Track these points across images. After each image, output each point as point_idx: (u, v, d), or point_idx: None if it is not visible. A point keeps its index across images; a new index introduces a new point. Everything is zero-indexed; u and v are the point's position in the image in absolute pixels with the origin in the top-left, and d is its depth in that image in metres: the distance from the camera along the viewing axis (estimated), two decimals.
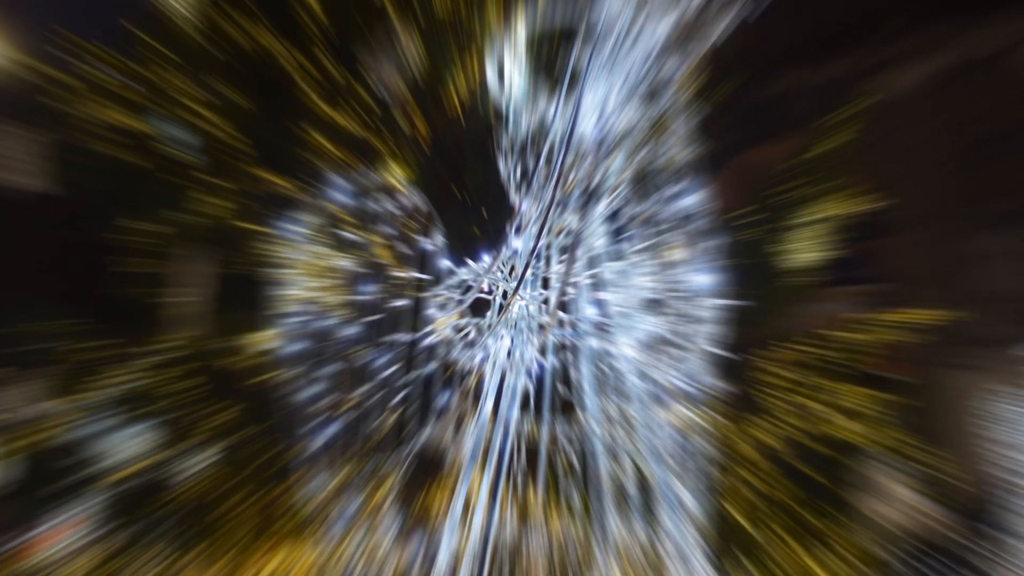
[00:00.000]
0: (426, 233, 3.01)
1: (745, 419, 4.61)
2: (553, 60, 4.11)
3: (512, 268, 2.57)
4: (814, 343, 4.85)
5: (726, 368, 2.80)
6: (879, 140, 8.92)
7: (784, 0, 2.14)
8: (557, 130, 2.47)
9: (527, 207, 2.48)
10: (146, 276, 4.74)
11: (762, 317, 4.79)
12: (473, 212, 4.37)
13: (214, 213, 4.49)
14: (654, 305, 2.60)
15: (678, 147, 2.38)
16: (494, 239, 4.20)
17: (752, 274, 4.72)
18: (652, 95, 2.38)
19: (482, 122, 4.42)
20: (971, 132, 9.14)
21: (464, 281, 2.76)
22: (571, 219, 2.53)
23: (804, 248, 4.88)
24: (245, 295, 4.39)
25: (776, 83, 10.07)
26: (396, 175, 4.58)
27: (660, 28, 2.13)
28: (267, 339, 4.33)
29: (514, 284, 2.48)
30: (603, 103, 2.33)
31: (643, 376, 2.65)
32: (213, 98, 4.62)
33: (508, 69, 2.96)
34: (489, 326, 2.61)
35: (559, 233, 2.63)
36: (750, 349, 4.78)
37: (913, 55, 9.57)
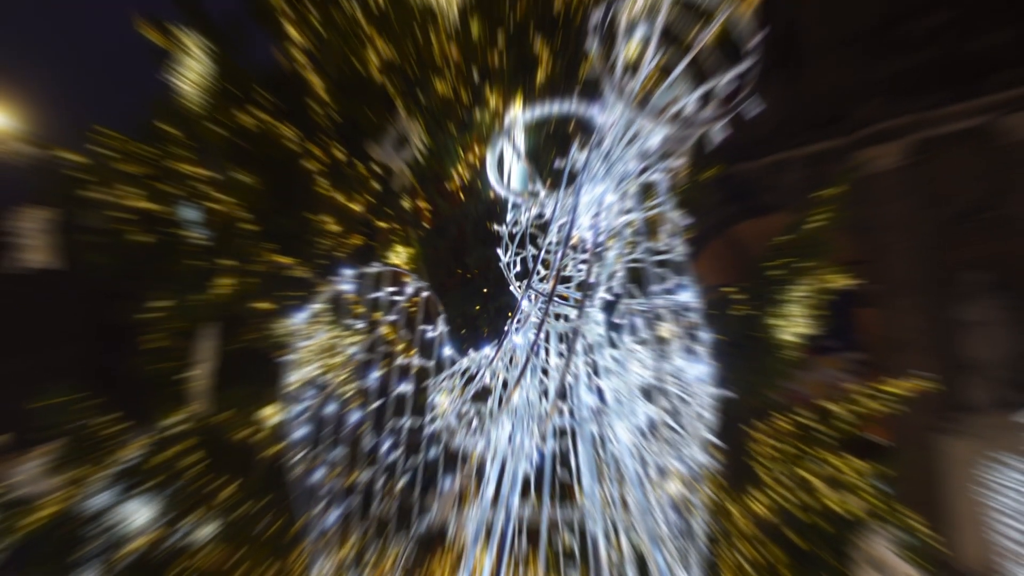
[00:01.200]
0: (429, 319, 3.11)
1: (745, 494, 4.65)
2: (551, 155, 4.27)
3: (512, 358, 2.66)
4: (811, 414, 4.91)
5: (725, 445, 2.87)
6: (863, 214, 9.15)
7: (768, 82, 2.27)
8: (555, 225, 2.58)
9: (527, 305, 2.59)
10: (154, 352, 4.83)
11: (758, 391, 4.87)
12: (474, 291, 4.50)
13: (223, 291, 4.61)
14: (651, 391, 2.68)
15: (673, 240, 2.49)
16: (494, 319, 4.32)
17: (745, 349, 4.81)
18: (647, 191, 2.50)
19: (482, 202, 4.58)
20: (951, 205, 9.39)
21: (467, 369, 2.85)
22: (569, 310, 2.63)
23: (795, 321, 4.97)
24: (251, 373, 4.48)
25: (762, 161, 10.36)
26: (399, 254, 4.72)
27: (658, 129, 2.25)
28: (271, 416, 4.41)
29: (515, 374, 2.56)
30: (600, 199, 2.45)
31: (641, 460, 2.71)
32: (220, 177, 4.78)
33: (507, 160, 3.10)
34: (491, 413, 2.68)
35: (557, 319, 2.73)
36: (749, 422, 4.85)
37: (893, 132, 9.88)
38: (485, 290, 4.44)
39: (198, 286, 4.63)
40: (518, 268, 2.86)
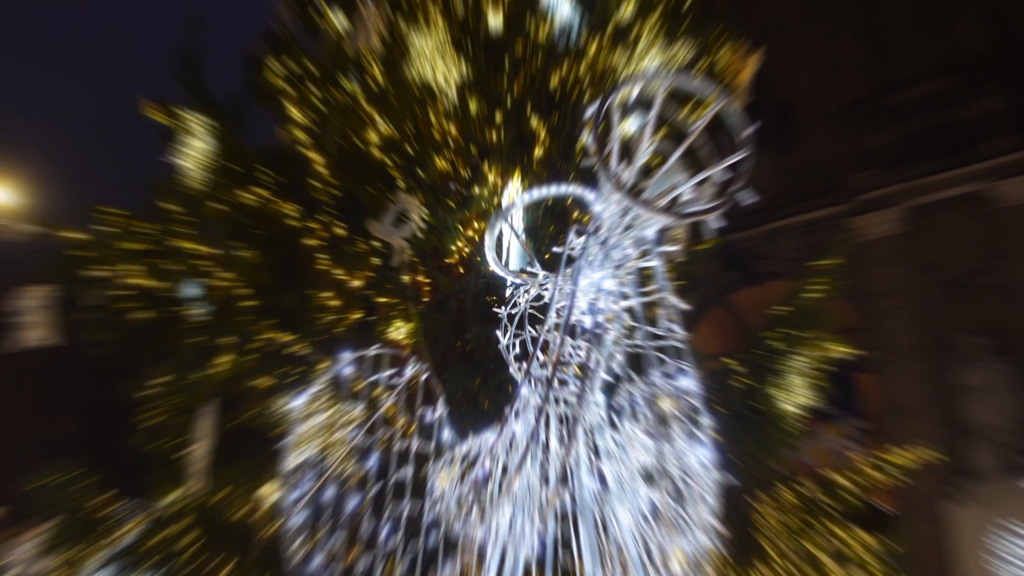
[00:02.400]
0: (429, 400, 3.10)
1: (751, 568, 4.57)
2: (549, 230, 4.32)
3: (512, 442, 2.64)
4: (816, 486, 4.87)
5: (729, 529, 2.83)
6: (861, 281, 9.21)
7: (762, 153, 2.30)
8: (554, 309, 2.60)
9: (526, 392, 2.58)
10: (152, 429, 4.79)
11: (761, 462, 4.83)
12: (474, 365, 4.49)
13: (222, 369, 4.59)
14: (653, 475, 2.66)
15: (672, 325, 2.50)
16: (494, 394, 4.30)
17: (748, 420, 4.79)
18: (645, 276, 2.52)
19: (481, 276, 4.60)
20: (947, 271, 9.45)
21: (467, 453, 2.83)
22: (569, 396, 2.63)
23: (796, 392, 4.95)
24: (249, 450, 4.45)
25: (758, 230, 10.47)
26: (399, 329, 4.72)
27: (654, 219, 2.28)
28: (270, 494, 4.36)
29: (516, 457, 2.55)
30: (598, 284, 2.46)
31: (644, 543, 2.68)
32: (221, 253, 4.80)
33: (505, 241, 3.12)
34: (491, 499, 2.66)
35: (557, 403, 2.72)
36: (753, 495, 4.79)
37: (888, 199, 10.01)
38: (484, 365, 4.43)
39: (198, 363, 4.62)
40: (517, 350, 2.87)
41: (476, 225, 4.75)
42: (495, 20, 4.90)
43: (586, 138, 2.16)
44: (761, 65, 5.18)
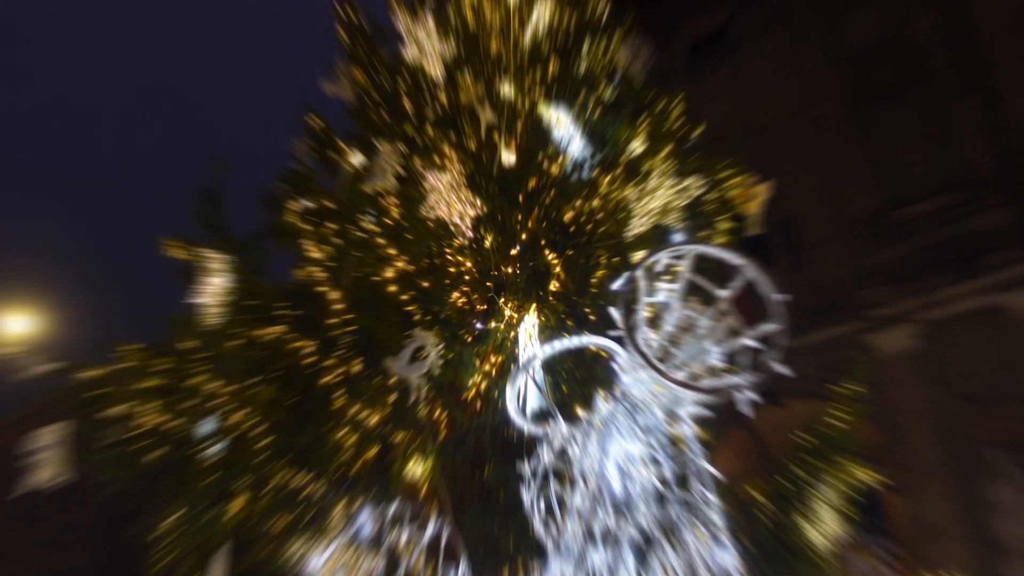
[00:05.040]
0: (452, 557, 3.02)
1: None
2: (566, 372, 4.29)
3: None
4: None
5: None
6: (880, 399, 9.09)
7: (775, 271, 2.29)
8: (580, 473, 2.55)
9: (557, 568, 2.51)
10: (165, 570, 4.66)
11: None
12: (494, 507, 4.38)
13: (236, 509, 4.50)
14: None
15: (706, 491, 2.45)
16: (517, 536, 4.18)
17: (777, 555, 4.65)
18: (675, 442, 2.48)
19: (500, 414, 4.54)
20: (966, 385, 9.32)
21: None
22: (599, 563, 2.55)
23: (824, 522, 4.82)
24: None
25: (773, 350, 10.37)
26: (415, 467, 4.63)
27: (683, 391, 2.26)
28: None
29: None
30: (626, 452, 2.43)
31: None
32: (236, 388, 4.77)
33: (523, 389, 3.10)
34: None
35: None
36: None
37: (901, 315, 9.97)
38: (504, 504, 4.33)
39: (211, 504, 4.52)
40: (543, 510, 2.81)
41: (493, 359, 4.72)
42: (508, 156, 5.00)
43: (614, 313, 2.16)
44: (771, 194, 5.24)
